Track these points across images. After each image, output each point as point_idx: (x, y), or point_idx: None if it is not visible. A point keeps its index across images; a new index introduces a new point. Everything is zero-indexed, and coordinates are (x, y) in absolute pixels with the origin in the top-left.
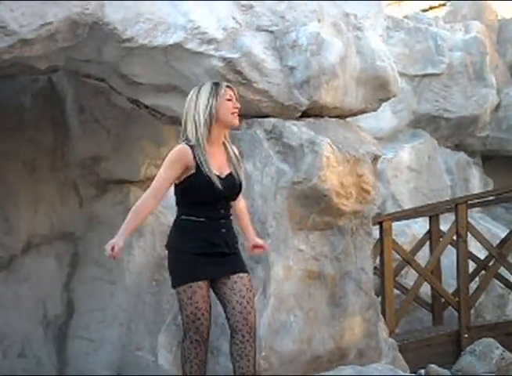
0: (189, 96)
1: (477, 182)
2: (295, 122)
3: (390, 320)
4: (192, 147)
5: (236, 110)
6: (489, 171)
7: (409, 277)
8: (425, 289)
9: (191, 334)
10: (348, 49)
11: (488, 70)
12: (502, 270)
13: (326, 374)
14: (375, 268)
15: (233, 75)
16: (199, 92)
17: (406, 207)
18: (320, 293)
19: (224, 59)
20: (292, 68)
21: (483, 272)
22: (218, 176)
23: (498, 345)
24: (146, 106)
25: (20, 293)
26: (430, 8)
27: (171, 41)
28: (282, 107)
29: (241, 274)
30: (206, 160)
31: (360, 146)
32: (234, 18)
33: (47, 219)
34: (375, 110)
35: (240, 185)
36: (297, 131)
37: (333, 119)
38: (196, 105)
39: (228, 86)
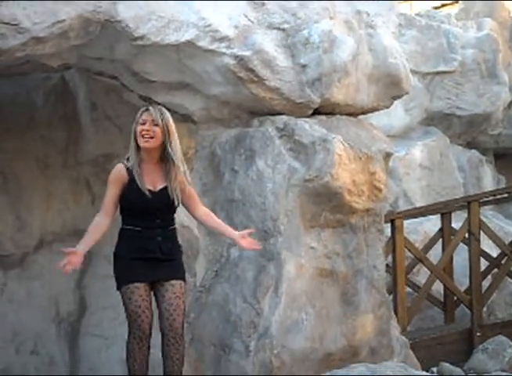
0: None
1: (489, 179)
2: (307, 120)
3: (402, 318)
4: (127, 166)
5: (145, 133)
6: (502, 169)
7: (421, 275)
8: (437, 287)
9: (134, 330)
10: (360, 47)
11: (500, 68)
12: None
13: (338, 372)
14: (387, 266)
15: (245, 73)
16: None
17: (418, 205)
18: (332, 291)
19: (236, 56)
20: (304, 66)
21: (495, 270)
22: (151, 190)
23: (510, 343)
24: (158, 104)
25: (33, 290)
26: (443, 5)
27: (183, 39)
28: (294, 105)
29: (173, 282)
30: (138, 177)
31: (372, 144)
32: (246, 16)
33: (59, 217)
34: (387, 108)
35: (173, 201)
36: (309, 128)
37: (345, 117)
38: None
39: (147, 109)
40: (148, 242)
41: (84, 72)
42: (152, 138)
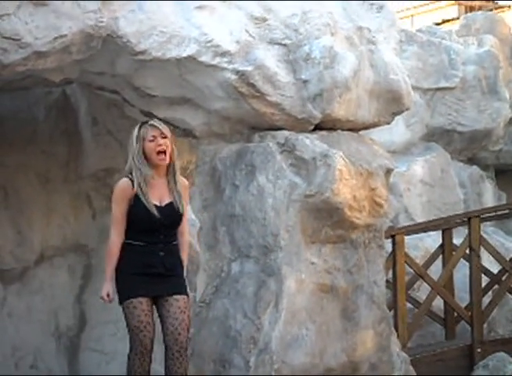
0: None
1: (490, 195)
2: (308, 135)
3: (402, 334)
4: (132, 180)
5: (160, 148)
6: (502, 185)
7: (422, 291)
8: (438, 303)
9: (136, 345)
10: (361, 63)
11: (501, 84)
12: None
13: None
14: (387, 281)
15: (246, 88)
16: (132, 134)
17: (419, 221)
18: (332, 306)
19: (237, 71)
20: (305, 81)
21: (496, 286)
22: (157, 206)
23: (511, 359)
24: (159, 119)
25: (33, 305)
26: (444, 21)
27: (184, 54)
28: (295, 120)
29: (177, 296)
30: (145, 195)
31: (373, 160)
32: (247, 31)
33: (60, 231)
34: (388, 124)
35: (180, 213)
36: (310, 144)
37: (346, 132)
38: (131, 148)
39: (152, 125)
40: (151, 257)
41: (86, 87)
42: (165, 153)
